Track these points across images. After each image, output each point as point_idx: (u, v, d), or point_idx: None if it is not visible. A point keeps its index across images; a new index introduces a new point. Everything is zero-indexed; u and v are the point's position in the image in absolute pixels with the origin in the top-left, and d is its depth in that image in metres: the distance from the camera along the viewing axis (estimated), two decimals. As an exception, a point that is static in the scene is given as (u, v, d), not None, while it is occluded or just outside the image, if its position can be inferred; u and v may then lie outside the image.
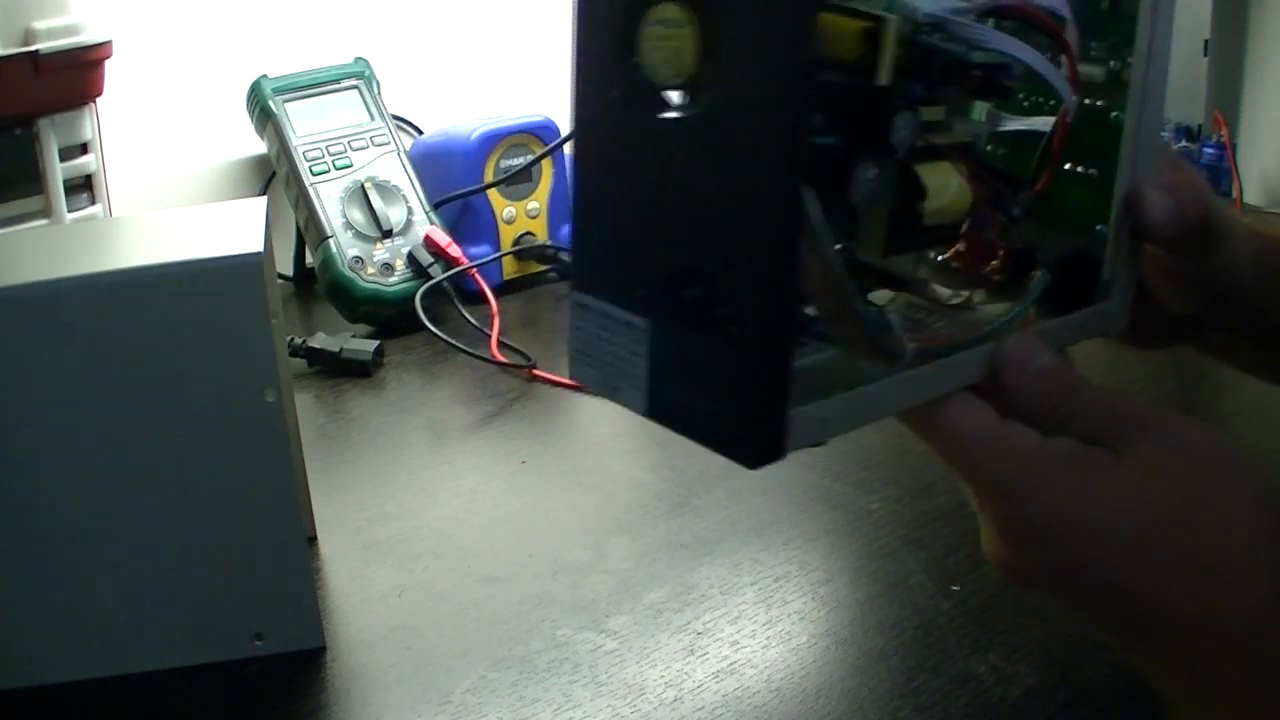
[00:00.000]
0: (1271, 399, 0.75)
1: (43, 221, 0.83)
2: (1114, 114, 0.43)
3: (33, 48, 0.78)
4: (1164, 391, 0.75)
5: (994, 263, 0.44)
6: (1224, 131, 1.24)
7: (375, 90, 1.05)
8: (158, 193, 1.06)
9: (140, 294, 0.49)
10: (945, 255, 0.44)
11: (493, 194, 1.03)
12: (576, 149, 0.35)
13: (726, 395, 0.33)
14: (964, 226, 0.42)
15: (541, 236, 1.06)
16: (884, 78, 0.36)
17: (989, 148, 0.46)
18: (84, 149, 0.85)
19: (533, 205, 1.06)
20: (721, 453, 0.34)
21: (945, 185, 0.39)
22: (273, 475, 0.51)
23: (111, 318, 0.49)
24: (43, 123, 0.82)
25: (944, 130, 0.40)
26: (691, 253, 0.32)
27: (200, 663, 0.53)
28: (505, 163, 1.04)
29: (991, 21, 0.41)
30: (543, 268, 1.06)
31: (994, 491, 0.39)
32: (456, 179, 1.03)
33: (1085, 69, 0.43)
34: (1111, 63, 0.43)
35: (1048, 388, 0.40)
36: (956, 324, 0.41)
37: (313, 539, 0.64)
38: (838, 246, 0.36)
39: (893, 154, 0.38)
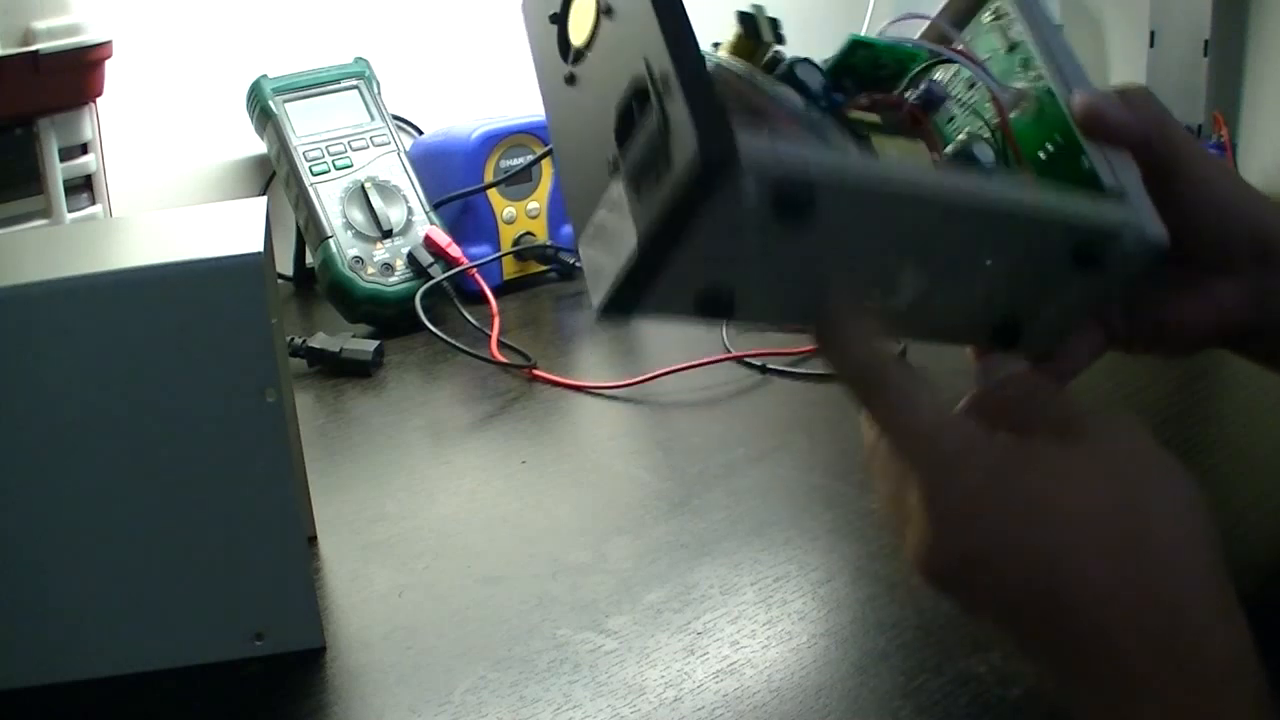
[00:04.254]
0: (1271, 397, 0.75)
1: (43, 221, 0.83)
2: (1041, 88, 0.49)
3: (33, 48, 0.78)
4: (1165, 391, 0.76)
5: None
6: (1224, 131, 1.24)
7: (375, 90, 1.05)
8: (158, 193, 1.06)
9: (140, 294, 0.49)
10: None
11: (493, 194, 1.04)
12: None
13: (678, 140, 0.37)
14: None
15: (541, 236, 1.06)
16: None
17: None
18: (84, 149, 0.85)
19: (533, 205, 1.06)
20: (685, 189, 0.36)
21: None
22: (273, 475, 0.51)
23: (111, 318, 0.49)
24: (43, 123, 0.82)
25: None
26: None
27: (200, 663, 0.53)
28: (505, 163, 1.04)
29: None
30: (543, 268, 1.06)
31: (935, 465, 0.39)
32: (456, 179, 1.03)
33: (1016, 86, 0.51)
34: (1030, 73, 0.50)
35: (1019, 390, 0.42)
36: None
37: (313, 539, 0.64)
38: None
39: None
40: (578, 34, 0.43)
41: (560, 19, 0.43)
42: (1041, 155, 0.49)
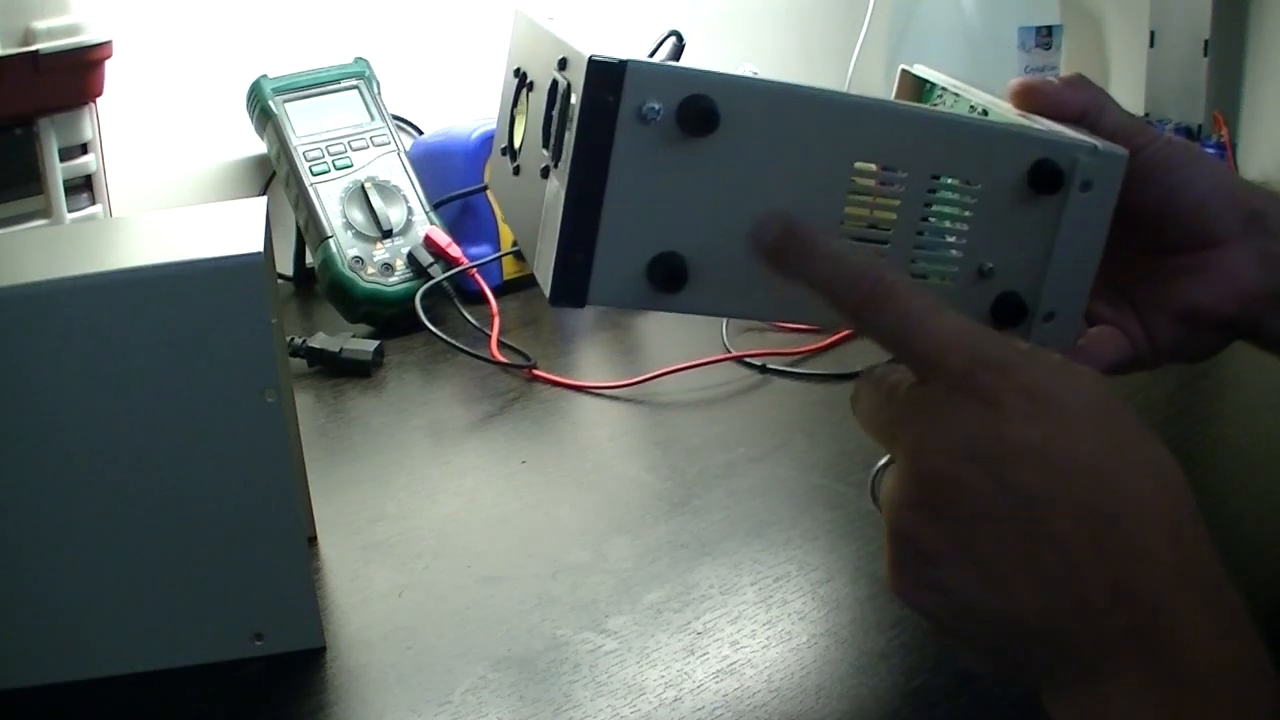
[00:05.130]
0: (1271, 397, 0.75)
1: (43, 221, 0.83)
2: (978, 111, 0.50)
3: (33, 48, 0.78)
4: (1165, 392, 0.75)
5: None
6: (1224, 131, 1.24)
7: (375, 90, 1.05)
8: (158, 193, 1.06)
9: (140, 294, 0.49)
10: None
11: (492, 194, 1.03)
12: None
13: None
14: None
15: (541, 236, 1.06)
16: None
17: None
18: (84, 149, 0.85)
19: (533, 205, 1.06)
20: (588, 100, 0.39)
21: None
22: (273, 475, 0.51)
23: (111, 318, 0.49)
24: (43, 123, 0.82)
25: None
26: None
27: (200, 663, 0.53)
28: (505, 163, 1.04)
29: None
30: (543, 268, 1.06)
31: (993, 369, 0.36)
32: (456, 179, 1.03)
33: None
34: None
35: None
36: None
37: (313, 539, 0.64)
38: None
39: None
40: (519, 137, 0.46)
41: (509, 146, 0.48)
42: None
